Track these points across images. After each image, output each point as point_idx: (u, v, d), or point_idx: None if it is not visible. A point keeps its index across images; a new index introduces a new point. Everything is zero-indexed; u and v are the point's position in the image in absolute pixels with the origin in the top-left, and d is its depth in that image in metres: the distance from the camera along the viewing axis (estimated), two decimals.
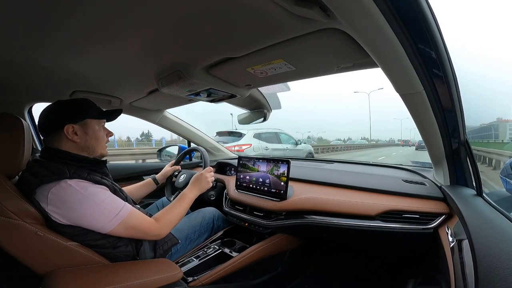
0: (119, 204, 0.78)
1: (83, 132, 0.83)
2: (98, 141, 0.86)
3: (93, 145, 0.85)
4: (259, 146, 6.10)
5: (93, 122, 0.85)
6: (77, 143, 0.81)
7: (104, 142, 0.90)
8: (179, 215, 0.93)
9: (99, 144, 0.87)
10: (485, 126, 9.68)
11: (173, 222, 0.90)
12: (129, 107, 1.46)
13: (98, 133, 0.87)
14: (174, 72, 0.88)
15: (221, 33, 0.66)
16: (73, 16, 0.57)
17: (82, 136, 0.82)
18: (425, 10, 0.51)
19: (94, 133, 0.85)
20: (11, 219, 0.66)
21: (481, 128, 9.51)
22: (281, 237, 1.21)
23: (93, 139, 0.85)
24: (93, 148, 0.85)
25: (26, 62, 0.84)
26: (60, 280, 0.69)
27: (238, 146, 5.75)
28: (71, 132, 0.80)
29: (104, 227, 0.74)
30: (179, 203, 0.95)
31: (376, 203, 0.99)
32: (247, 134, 6.03)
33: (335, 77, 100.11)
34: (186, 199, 0.98)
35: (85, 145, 0.83)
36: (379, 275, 1.32)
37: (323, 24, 0.57)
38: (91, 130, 0.84)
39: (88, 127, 0.84)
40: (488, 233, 0.58)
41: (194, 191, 1.03)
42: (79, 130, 0.81)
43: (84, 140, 0.83)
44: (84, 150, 0.83)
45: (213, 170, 1.17)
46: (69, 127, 0.80)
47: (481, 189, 0.80)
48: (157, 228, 0.85)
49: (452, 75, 0.67)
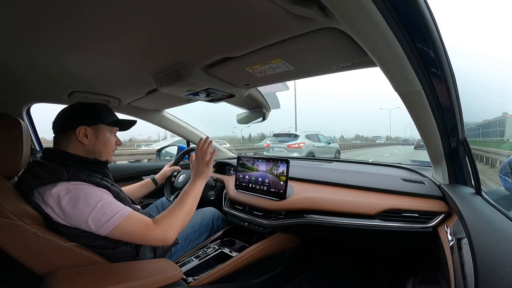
0: (115, 208, 0.74)
1: (94, 136, 0.83)
2: (106, 148, 0.87)
3: (100, 150, 0.85)
4: (308, 144, 8.37)
5: (105, 128, 0.86)
6: (85, 145, 0.82)
7: (112, 150, 0.90)
8: (182, 214, 0.84)
9: (106, 150, 0.87)
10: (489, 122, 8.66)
11: (176, 223, 0.81)
12: (127, 107, 1.46)
13: (108, 139, 0.87)
14: (172, 72, 0.88)
15: (220, 33, 0.65)
16: (70, 16, 0.57)
17: (92, 139, 0.83)
18: (423, 9, 0.51)
19: (104, 139, 0.86)
20: (10, 220, 0.66)
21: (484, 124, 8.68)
22: (280, 237, 1.21)
23: (101, 145, 0.85)
24: (99, 153, 0.85)
25: (23, 62, 0.83)
26: (60, 280, 0.68)
27: (297, 144, 8.12)
28: (82, 134, 0.81)
29: (99, 230, 0.72)
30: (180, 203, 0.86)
31: (375, 202, 0.99)
32: (301, 136, 8.49)
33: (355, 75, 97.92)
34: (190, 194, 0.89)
35: (92, 149, 0.83)
36: (379, 274, 1.33)
37: (321, 23, 0.57)
38: (102, 136, 0.85)
39: (100, 132, 0.85)
40: (487, 232, 0.58)
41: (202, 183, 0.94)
42: (90, 133, 0.82)
43: (92, 144, 0.83)
44: (91, 154, 0.84)
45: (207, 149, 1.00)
46: (82, 128, 0.81)
47: (480, 187, 0.81)
48: (158, 233, 0.77)
49: (450, 74, 0.67)
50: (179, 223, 0.82)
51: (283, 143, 8.40)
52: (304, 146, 8.09)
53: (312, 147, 8.37)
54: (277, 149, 8.40)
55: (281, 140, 8.53)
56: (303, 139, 8.33)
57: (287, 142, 8.27)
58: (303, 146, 8.07)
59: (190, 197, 0.89)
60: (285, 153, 8.05)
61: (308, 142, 8.39)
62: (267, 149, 8.73)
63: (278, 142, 8.63)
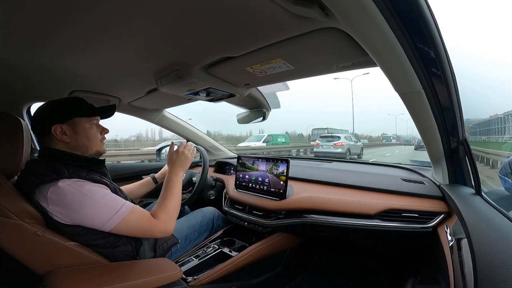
0: (119, 202, 0.77)
1: (72, 132, 0.81)
2: (90, 140, 0.84)
3: (85, 144, 0.83)
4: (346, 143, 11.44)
5: (82, 120, 0.83)
6: (67, 143, 0.80)
7: (98, 140, 0.87)
8: (174, 204, 0.90)
9: (91, 142, 0.84)
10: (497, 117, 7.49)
11: (173, 213, 0.88)
12: (128, 106, 1.46)
13: (89, 131, 0.84)
14: (173, 71, 0.88)
15: (220, 32, 0.65)
16: (71, 16, 0.57)
17: (72, 135, 0.80)
18: (424, 9, 0.51)
19: (84, 131, 0.83)
20: (10, 219, 0.66)
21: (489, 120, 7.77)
22: (280, 236, 1.21)
23: (83, 138, 0.82)
24: (85, 147, 0.83)
25: (24, 61, 0.83)
26: (60, 280, 0.69)
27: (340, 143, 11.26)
28: (60, 132, 0.79)
29: (105, 225, 0.74)
30: (169, 193, 0.91)
31: (375, 202, 0.99)
32: (342, 136, 11.97)
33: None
34: (173, 184, 0.94)
35: (76, 144, 0.81)
36: (378, 274, 1.33)
37: (322, 23, 0.57)
38: (81, 129, 0.82)
39: (77, 125, 0.82)
40: (487, 232, 0.58)
41: (178, 172, 0.98)
42: (67, 130, 0.80)
43: (74, 140, 0.81)
44: (77, 149, 0.82)
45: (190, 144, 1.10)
46: (57, 127, 0.78)
47: (480, 188, 0.81)
48: (160, 225, 0.83)
49: (451, 74, 0.67)
50: (175, 213, 0.89)
51: (329, 142, 11.59)
52: (345, 144, 11.29)
53: (348, 145, 11.41)
54: (326, 147, 11.59)
55: (328, 140, 11.89)
56: (343, 139, 11.65)
57: (332, 141, 11.55)
58: (344, 144, 11.27)
59: (177, 188, 0.94)
60: (332, 149, 11.27)
61: (346, 141, 11.52)
62: (317, 147, 12.00)
63: (326, 141, 11.89)
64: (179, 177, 0.98)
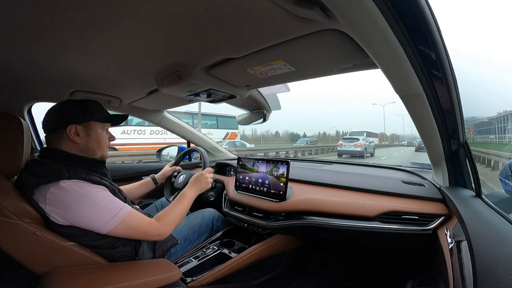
0: (118, 205, 0.77)
1: (86, 134, 0.82)
2: (100, 144, 0.86)
3: (93, 147, 0.84)
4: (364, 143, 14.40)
5: (97, 125, 0.85)
6: (77, 144, 0.81)
7: (105, 146, 0.89)
8: (180, 214, 0.92)
9: (100, 147, 0.86)
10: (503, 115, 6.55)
11: (174, 221, 0.89)
12: (128, 107, 1.46)
13: (101, 136, 0.86)
14: (174, 72, 0.88)
15: (221, 34, 0.66)
16: (72, 15, 0.57)
17: (84, 137, 0.82)
18: (425, 11, 0.51)
19: (96, 136, 0.85)
20: (9, 219, 0.66)
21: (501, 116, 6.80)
22: (280, 238, 1.21)
23: (94, 142, 0.84)
24: (93, 151, 0.85)
25: (25, 62, 0.83)
26: (58, 280, 0.68)
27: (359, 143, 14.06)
28: (73, 133, 0.80)
29: (103, 228, 0.74)
30: (179, 203, 0.95)
31: (375, 204, 0.99)
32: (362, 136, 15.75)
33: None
34: (186, 198, 0.98)
35: (85, 147, 0.83)
36: (378, 276, 1.32)
37: (323, 24, 0.57)
38: (94, 133, 0.84)
39: (91, 129, 0.84)
40: (487, 235, 0.58)
41: (194, 191, 1.02)
42: (81, 131, 0.81)
43: (85, 142, 0.82)
44: (84, 152, 0.83)
45: (213, 171, 1.16)
46: (72, 127, 0.80)
47: (480, 190, 0.80)
48: (159, 227, 0.84)
49: (452, 76, 0.67)
50: (176, 222, 0.91)
51: (351, 143, 14.27)
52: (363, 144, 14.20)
53: (365, 145, 14.33)
54: (348, 146, 14.18)
55: (349, 141, 14.56)
56: (363, 139, 14.98)
57: (353, 142, 14.27)
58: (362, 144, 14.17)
59: (187, 202, 0.97)
60: (353, 148, 13.95)
61: (363, 142, 14.44)
62: (340, 146, 14.63)
63: (348, 142, 14.53)
64: (193, 196, 1.01)
